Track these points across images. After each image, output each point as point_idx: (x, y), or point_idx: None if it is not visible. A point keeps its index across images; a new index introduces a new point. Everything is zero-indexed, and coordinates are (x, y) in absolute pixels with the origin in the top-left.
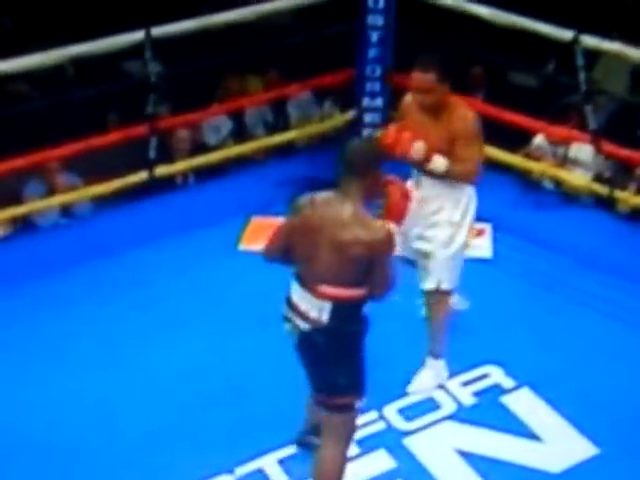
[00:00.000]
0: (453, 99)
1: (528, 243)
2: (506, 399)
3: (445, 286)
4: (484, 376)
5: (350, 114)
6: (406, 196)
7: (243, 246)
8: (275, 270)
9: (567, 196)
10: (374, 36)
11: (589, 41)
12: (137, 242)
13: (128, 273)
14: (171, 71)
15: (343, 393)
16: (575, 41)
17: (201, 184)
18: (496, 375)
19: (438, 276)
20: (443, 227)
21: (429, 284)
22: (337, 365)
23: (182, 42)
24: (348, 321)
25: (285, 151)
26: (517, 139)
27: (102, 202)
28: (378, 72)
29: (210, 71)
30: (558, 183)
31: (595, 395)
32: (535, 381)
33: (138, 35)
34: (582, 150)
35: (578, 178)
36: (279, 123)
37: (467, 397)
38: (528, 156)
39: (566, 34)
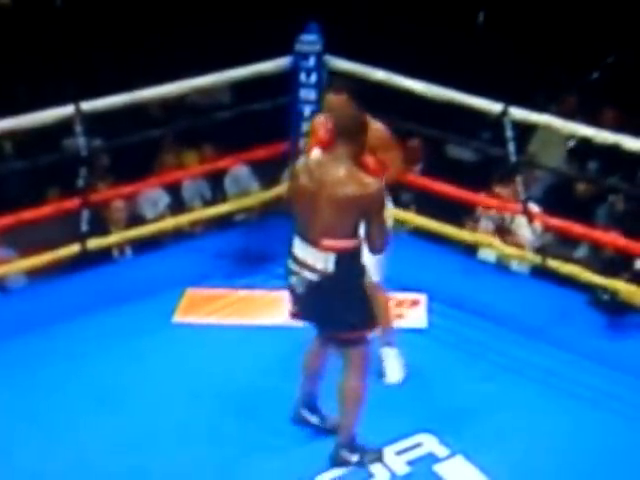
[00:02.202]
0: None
1: (463, 313)
2: (440, 467)
3: (375, 280)
4: (417, 445)
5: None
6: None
7: (178, 318)
8: (209, 343)
9: (503, 266)
10: (307, 110)
11: (518, 113)
12: (70, 314)
13: (60, 345)
14: (110, 145)
15: (356, 328)
16: (504, 113)
17: (138, 257)
18: (429, 444)
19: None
20: None
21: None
22: (347, 305)
23: (122, 115)
24: (351, 268)
25: (224, 225)
26: (453, 211)
27: (38, 275)
28: None
29: (148, 145)
30: (496, 254)
31: (528, 463)
32: (469, 449)
33: (68, 110)
34: (522, 222)
35: (512, 248)
36: (216, 197)
37: (401, 466)
38: (474, 228)
39: (495, 107)
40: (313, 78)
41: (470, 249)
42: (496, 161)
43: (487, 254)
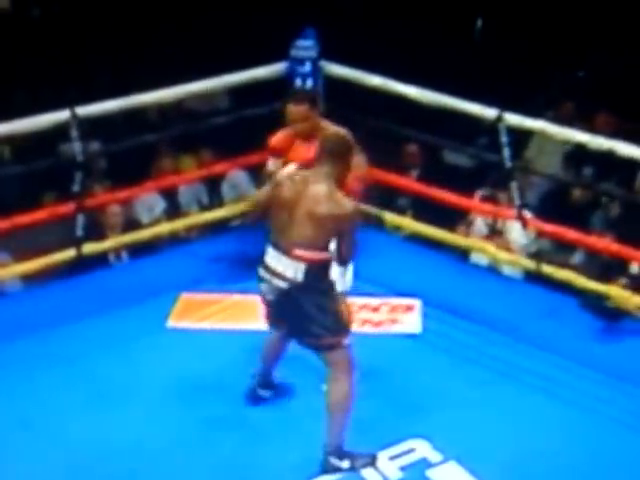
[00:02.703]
0: (323, 123)
1: (457, 318)
2: (433, 473)
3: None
4: (410, 450)
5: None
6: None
7: (172, 323)
8: (203, 348)
9: (497, 271)
10: None
11: (513, 119)
12: (65, 319)
13: (54, 349)
14: (107, 149)
15: (332, 334)
16: (499, 119)
17: (133, 261)
18: (422, 449)
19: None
20: None
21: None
22: (319, 313)
23: (120, 120)
24: (319, 279)
25: (220, 230)
26: (450, 216)
27: (33, 279)
28: None
29: (145, 150)
30: (490, 259)
31: (521, 468)
32: (462, 455)
33: (64, 114)
34: (514, 227)
35: (506, 253)
36: (213, 203)
37: (394, 471)
38: (467, 234)
39: (490, 112)
40: (309, 83)
41: (464, 254)
42: (492, 167)
43: (479, 258)
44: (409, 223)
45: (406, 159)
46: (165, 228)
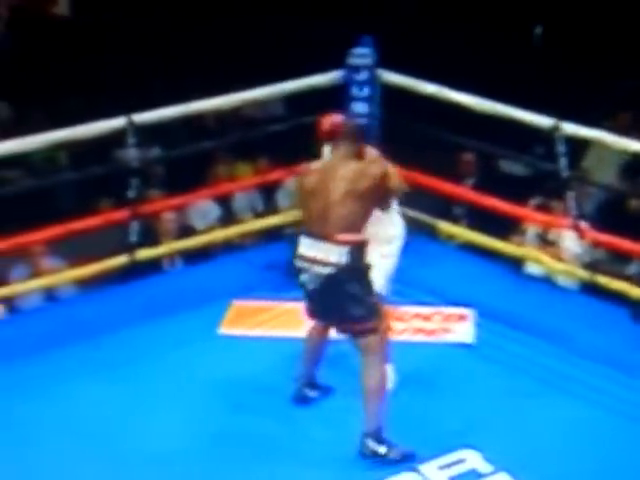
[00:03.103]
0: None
1: (510, 328)
2: None
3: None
4: (461, 460)
5: None
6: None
7: (224, 330)
8: (254, 355)
9: (552, 282)
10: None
11: (569, 128)
12: (118, 324)
13: (106, 355)
14: (163, 155)
15: (370, 317)
16: (556, 128)
17: (187, 268)
18: (473, 460)
19: None
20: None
21: None
22: (359, 296)
23: (178, 126)
24: (361, 259)
25: (274, 237)
26: (504, 225)
27: (87, 285)
28: None
29: (201, 156)
30: (544, 269)
31: None
32: (512, 466)
33: (120, 121)
34: (568, 237)
35: (560, 263)
36: (268, 210)
37: None
38: (521, 243)
39: (547, 121)
40: (365, 91)
41: (518, 263)
42: (547, 176)
43: (534, 268)
44: (463, 232)
45: (462, 168)
46: (219, 235)
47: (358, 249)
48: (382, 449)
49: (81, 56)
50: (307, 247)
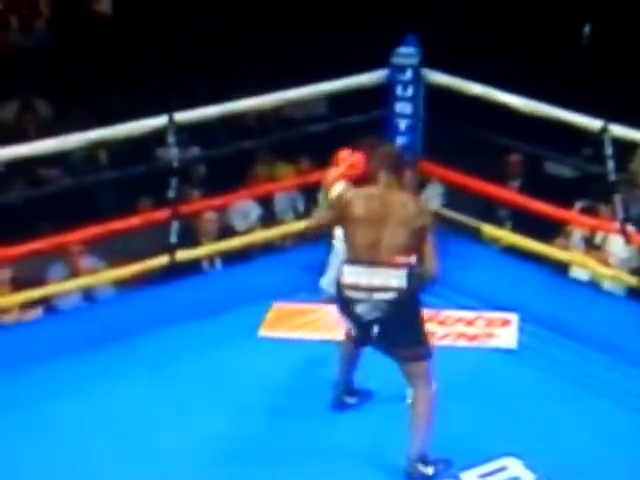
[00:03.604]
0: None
1: (555, 334)
2: None
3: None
4: (502, 468)
5: None
6: None
7: (263, 332)
8: (293, 358)
9: (598, 287)
10: (402, 124)
11: (618, 130)
12: (156, 325)
13: (145, 356)
14: (203, 156)
15: (425, 342)
16: (604, 130)
17: (227, 269)
18: (515, 468)
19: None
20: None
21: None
22: (417, 319)
23: (221, 125)
24: (415, 282)
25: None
26: (549, 228)
27: (126, 285)
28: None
29: (241, 156)
30: (590, 274)
31: None
32: (554, 474)
33: (161, 120)
34: (615, 241)
35: (608, 269)
36: (309, 211)
37: None
38: (565, 247)
39: (595, 123)
40: (410, 91)
41: (563, 267)
42: (595, 179)
43: (579, 273)
44: (507, 235)
45: (507, 169)
46: (260, 236)
47: (412, 272)
48: (430, 470)
49: (122, 54)
50: (358, 275)
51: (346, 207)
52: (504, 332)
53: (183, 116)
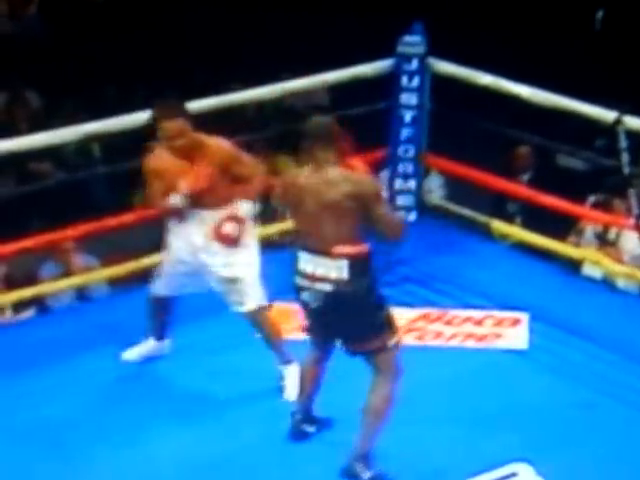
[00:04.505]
0: (198, 135)
1: (567, 334)
2: None
3: (262, 301)
4: (512, 474)
5: None
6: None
7: None
8: (296, 358)
9: (611, 285)
10: (408, 115)
11: (633, 122)
12: None
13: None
14: None
15: (378, 334)
16: (618, 122)
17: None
18: (525, 474)
19: (254, 295)
20: (241, 249)
21: (250, 305)
22: (365, 312)
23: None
24: (363, 274)
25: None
26: (561, 222)
27: (121, 284)
28: (411, 153)
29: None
30: (603, 271)
31: None
32: None
33: None
34: (629, 237)
35: (621, 265)
36: None
37: None
38: (578, 244)
39: (609, 115)
40: (415, 82)
41: (575, 264)
42: (609, 172)
43: (592, 270)
44: (517, 231)
45: (517, 162)
46: (259, 233)
47: (359, 262)
48: (367, 474)
49: (116, 43)
50: (305, 262)
51: (284, 194)
52: (514, 332)
53: None
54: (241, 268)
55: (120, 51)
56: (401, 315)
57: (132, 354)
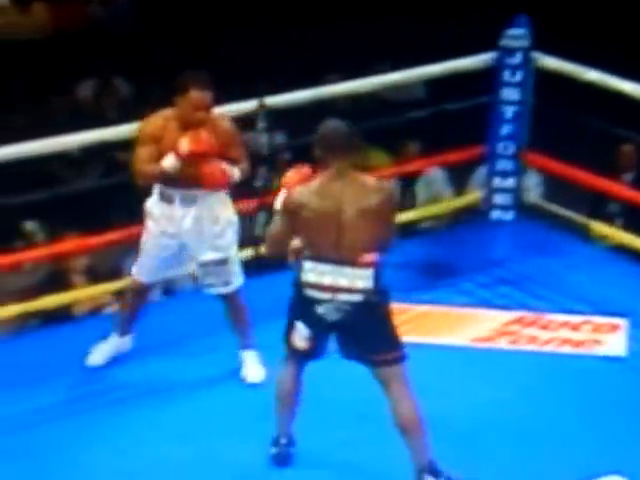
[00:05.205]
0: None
1: None
2: None
3: (240, 281)
4: None
5: (478, 195)
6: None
7: None
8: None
9: None
10: (509, 111)
11: None
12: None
13: (223, 352)
14: (291, 142)
15: (395, 346)
16: None
17: None
18: None
19: (237, 276)
20: (227, 230)
21: (236, 282)
22: (388, 322)
23: (307, 112)
24: (381, 282)
25: (407, 232)
26: None
27: None
28: (511, 150)
29: None
30: None
31: None
32: None
33: (251, 104)
34: None
35: None
36: (405, 202)
37: None
38: None
39: None
40: (518, 76)
41: None
42: None
43: None
44: (617, 233)
45: (620, 161)
46: None
47: (378, 270)
48: None
49: (208, 30)
50: (321, 274)
51: (297, 211)
52: (612, 338)
53: (274, 100)
54: (229, 248)
55: (211, 37)
56: (495, 318)
57: (96, 357)
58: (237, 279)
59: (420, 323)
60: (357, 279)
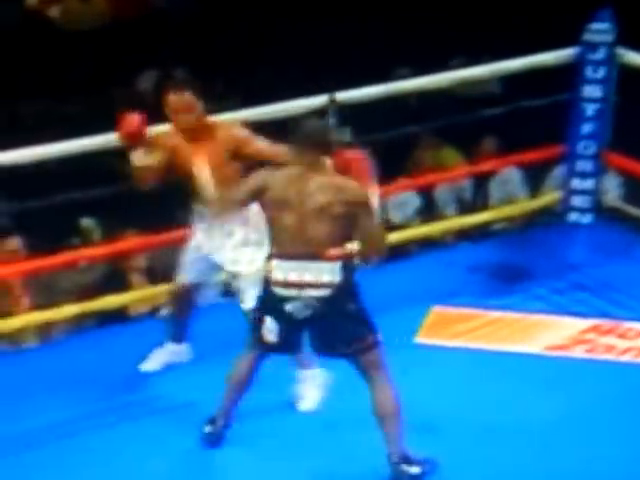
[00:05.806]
0: (209, 119)
1: None
2: None
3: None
4: None
5: (555, 196)
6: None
7: (420, 338)
8: (452, 369)
9: None
10: (590, 109)
11: None
12: None
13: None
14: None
15: (367, 333)
16: None
17: (381, 266)
18: None
19: (252, 294)
20: (242, 248)
21: (247, 304)
22: (355, 313)
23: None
24: (351, 274)
25: (479, 234)
26: None
27: None
28: (592, 150)
29: (402, 139)
30: None
31: None
32: None
33: (320, 100)
34: None
35: None
36: (477, 202)
37: None
38: None
39: None
40: (601, 73)
41: None
42: None
43: None
44: None
45: None
46: (419, 231)
47: (348, 263)
48: (416, 469)
49: (273, 21)
50: (286, 270)
51: (262, 191)
52: None
53: (345, 96)
54: (244, 265)
55: (276, 31)
56: (570, 325)
57: (151, 364)
58: (249, 300)
59: (492, 330)
60: (323, 273)
